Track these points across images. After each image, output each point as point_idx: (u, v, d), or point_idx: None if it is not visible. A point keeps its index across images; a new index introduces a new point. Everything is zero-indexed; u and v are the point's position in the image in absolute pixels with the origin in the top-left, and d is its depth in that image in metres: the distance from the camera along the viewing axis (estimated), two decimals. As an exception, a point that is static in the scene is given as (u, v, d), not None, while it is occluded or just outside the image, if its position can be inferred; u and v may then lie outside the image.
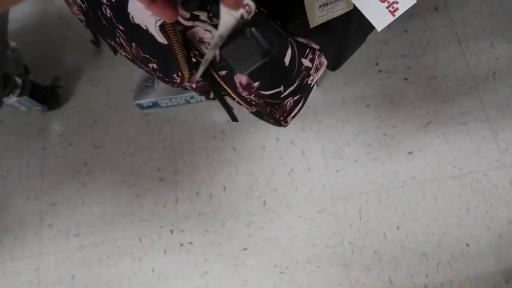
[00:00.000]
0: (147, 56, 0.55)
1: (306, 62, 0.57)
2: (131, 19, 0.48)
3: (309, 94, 0.62)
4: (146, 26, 0.47)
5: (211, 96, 0.65)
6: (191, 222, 1.14)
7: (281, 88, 0.56)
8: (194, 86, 0.64)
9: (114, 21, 0.52)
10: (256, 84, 0.54)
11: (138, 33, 0.49)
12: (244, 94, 0.57)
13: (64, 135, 1.29)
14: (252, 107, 0.61)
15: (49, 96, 1.29)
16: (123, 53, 0.62)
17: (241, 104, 0.61)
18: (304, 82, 0.58)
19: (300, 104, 0.62)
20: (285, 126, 0.64)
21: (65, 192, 1.22)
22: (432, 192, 1.09)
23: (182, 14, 0.46)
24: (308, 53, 0.57)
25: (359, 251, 1.06)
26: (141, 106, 1.25)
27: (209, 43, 0.49)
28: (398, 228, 1.07)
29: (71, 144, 1.28)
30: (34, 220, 1.20)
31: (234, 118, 0.64)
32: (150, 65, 0.58)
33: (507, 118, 1.12)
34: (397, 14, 0.50)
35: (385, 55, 1.23)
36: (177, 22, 0.47)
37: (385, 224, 1.07)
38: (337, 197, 1.11)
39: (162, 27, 0.46)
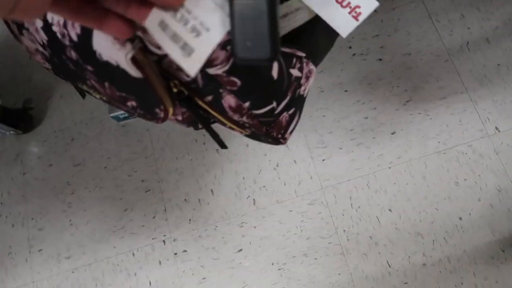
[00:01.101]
0: (123, 94, 0.51)
1: (295, 72, 0.54)
2: (98, 56, 0.44)
3: (303, 105, 0.59)
4: (116, 62, 0.44)
5: (200, 126, 0.62)
6: (183, 229, 1.12)
7: (274, 104, 0.53)
8: (180, 118, 0.61)
9: (82, 63, 0.48)
10: (247, 104, 0.51)
11: (109, 71, 0.46)
12: (236, 117, 0.53)
13: (43, 157, 1.26)
14: (246, 130, 0.57)
15: (21, 119, 1.25)
16: (97, 96, 0.58)
17: (233, 129, 0.58)
18: (296, 94, 0.56)
19: (296, 118, 0.59)
20: (284, 143, 0.61)
21: (51, 215, 1.19)
22: (419, 170, 1.08)
23: (152, 41, 0.43)
24: (296, 62, 0.54)
25: (354, 238, 1.06)
26: (117, 118, 1.22)
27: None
28: (390, 210, 1.06)
29: (51, 165, 1.24)
30: (23, 247, 1.17)
31: (223, 146, 0.61)
32: (129, 103, 0.54)
33: (484, 87, 1.12)
34: (361, 18, 0.48)
35: (357, 37, 1.22)
36: (150, 51, 0.44)
37: (377, 208, 1.07)
38: (326, 186, 1.10)
39: (134, 60, 0.42)
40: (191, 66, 0.37)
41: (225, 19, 0.36)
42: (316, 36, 0.67)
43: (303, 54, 0.56)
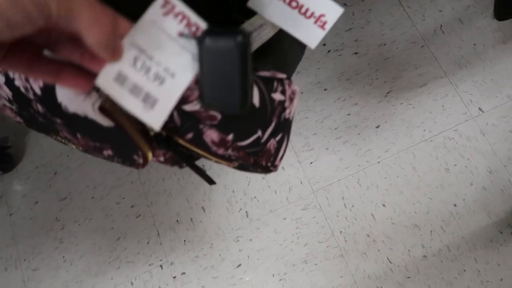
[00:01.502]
0: (97, 144, 0.49)
1: (277, 96, 0.52)
2: (64, 109, 0.42)
3: (290, 128, 0.57)
4: (84, 113, 0.41)
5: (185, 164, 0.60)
6: (179, 252, 1.10)
7: (259, 133, 0.51)
8: (162, 159, 0.58)
9: (49, 116, 0.46)
10: (230, 137, 0.48)
11: (78, 123, 0.43)
12: (221, 151, 0.50)
13: (28, 195, 1.23)
14: (233, 162, 0.55)
15: (0, 158, 1.22)
16: (73, 146, 0.56)
17: (220, 163, 0.56)
18: (281, 119, 0.53)
19: (285, 143, 0.56)
20: (275, 171, 0.58)
21: (43, 253, 1.17)
22: (408, 160, 1.07)
23: None
24: (277, 85, 0.52)
25: (352, 238, 1.04)
26: (98, 146, 1.20)
27: None
28: (384, 205, 1.05)
29: (36, 202, 1.22)
30: (19, 290, 1.15)
31: (211, 182, 0.58)
32: (105, 153, 0.52)
33: (463, 68, 1.11)
34: (327, 27, 0.46)
35: (330, 33, 1.20)
36: None
37: (371, 205, 1.05)
38: (317, 189, 1.08)
39: (102, 109, 0.40)
40: (155, 119, 0.34)
41: (192, 61, 0.34)
42: (285, 49, 0.65)
43: (283, 76, 0.54)
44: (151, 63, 0.33)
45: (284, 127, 0.55)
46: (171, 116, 0.44)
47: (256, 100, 0.48)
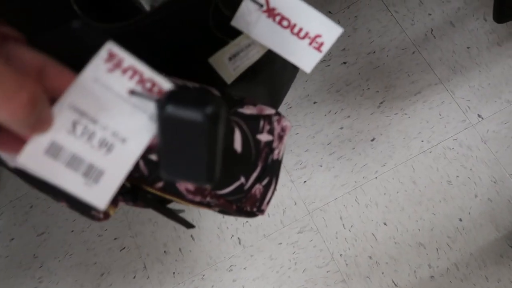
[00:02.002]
0: (50, 195, 0.42)
1: (264, 137, 0.45)
2: (5, 163, 0.37)
3: (279, 170, 0.50)
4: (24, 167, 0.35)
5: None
6: (168, 285, 1.02)
7: (242, 180, 0.44)
8: (131, 204, 0.51)
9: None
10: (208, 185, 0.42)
11: (22, 174, 0.38)
12: (197, 199, 0.44)
13: (2, 231, 1.14)
14: (213, 208, 0.48)
15: (-29, 195, 1.13)
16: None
17: (198, 207, 0.49)
18: (268, 161, 0.46)
19: (272, 186, 0.49)
20: (263, 215, 0.51)
21: (21, 295, 1.08)
22: (407, 174, 1.01)
23: None
24: (263, 125, 0.45)
25: (353, 261, 0.97)
26: (76, 176, 1.11)
27: None
28: (385, 224, 0.98)
29: (12, 239, 1.13)
30: (-4, 337, 1.06)
31: (188, 226, 0.51)
32: (61, 204, 0.45)
33: (458, 74, 1.05)
34: (324, 49, 0.40)
35: (317, 43, 1.14)
36: None
37: (371, 224, 0.99)
38: (313, 210, 1.02)
39: None
40: (100, 196, 0.27)
41: (147, 123, 0.26)
42: (276, 68, 0.58)
43: (271, 112, 0.47)
44: (95, 127, 0.26)
45: (272, 170, 0.48)
46: (136, 166, 0.37)
47: (238, 145, 0.41)
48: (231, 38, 0.45)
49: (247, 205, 0.47)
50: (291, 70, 0.61)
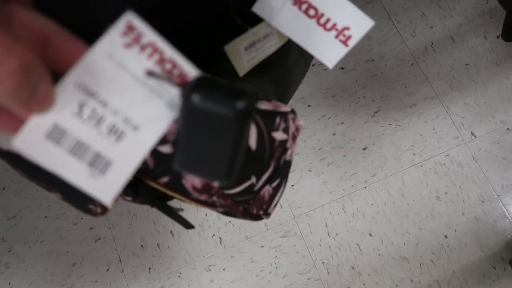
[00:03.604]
0: (43, 184, 0.38)
1: (279, 136, 0.42)
2: None
3: (289, 172, 0.47)
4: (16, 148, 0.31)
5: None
6: (143, 280, 0.99)
7: (253, 180, 0.41)
8: (129, 199, 0.47)
9: None
10: (216, 183, 0.39)
11: (14, 158, 0.34)
12: (203, 198, 0.41)
13: (-30, 211, 1.08)
14: (218, 208, 0.44)
15: None
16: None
17: (200, 207, 0.45)
18: (281, 162, 0.43)
19: (282, 189, 0.46)
20: (267, 218, 0.48)
21: (-15, 280, 1.02)
22: (397, 186, 0.99)
23: None
24: (279, 122, 0.42)
25: (335, 270, 0.95)
26: (54, 160, 1.07)
27: None
28: (370, 235, 0.97)
29: (-20, 220, 1.07)
30: (-45, 322, 1.00)
31: (188, 226, 0.47)
32: (54, 194, 0.40)
33: (455, 89, 1.05)
34: (351, 43, 0.37)
35: (315, 46, 1.12)
36: None
37: (356, 234, 0.97)
38: (299, 215, 0.99)
39: None
40: (106, 190, 0.23)
41: (163, 110, 0.23)
42: (289, 65, 0.55)
43: (287, 109, 0.44)
44: (105, 111, 0.22)
45: (283, 171, 0.45)
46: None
47: (253, 141, 0.38)
48: (250, 26, 0.42)
49: (254, 207, 0.44)
50: (303, 68, 0.58)
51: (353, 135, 1.04)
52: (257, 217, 0.46)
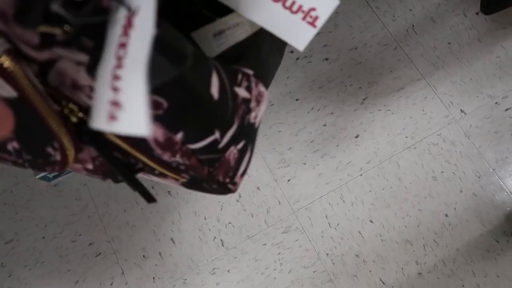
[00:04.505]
0: None
1: (241, 92, 0.41)
2: None
3: (255, 138, 0.46)
4: None
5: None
6: (148, 291, 0.98)
7: (217, 135, 0.40)
8: (90, 167, 0.45)
9: None
10: (179, 136, 0.37)
11: None
12: (166, 157, 0.39)
13: (-34, 240, 1.07)
14: (183, 174, 0.43)
15: None
16: None
17: (165, 177, 0.44)
18: (245, 121, 0.42)
19: (248, 154, 0.45)
20: (235, 190, 0.47)
21: (-12, 307, 1.01)
22: (392, 171, 0.99)
23: (26, 37, 0.28)
24: (242, 79, 0.41)
25: (340, 260, 0.95)
26: (47, 179, 1.05)
27: (90, 87, 0.31)
28: (371, 221, 0.97)
29: (-23, 247, 1.06)
30: None
31: (151, 199, 0.46)
32: (9, 146, 0.38)
33: (440, 69, 1.05)
34: (319, 23, 0.36)
35: (298, 39, 1.12)
36: (25, 57, 0.29)
37: (357, 222, 0.97)
38: (298, 209, 0.99)
39: (2, 70, 0.28)
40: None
41: None
42: (263, 54, 0.55)
43: (250, 72, 0.43)
44: None
45: (248, 134, 0.44)
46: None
47: (215, 90, 0.37)
48: (218, 16, 0.42)
49: (220, 172, 0.42)
50: (277, 56, 0.58)
51: (344, 124, 1.03)
52: (224, 187, 0.44)
